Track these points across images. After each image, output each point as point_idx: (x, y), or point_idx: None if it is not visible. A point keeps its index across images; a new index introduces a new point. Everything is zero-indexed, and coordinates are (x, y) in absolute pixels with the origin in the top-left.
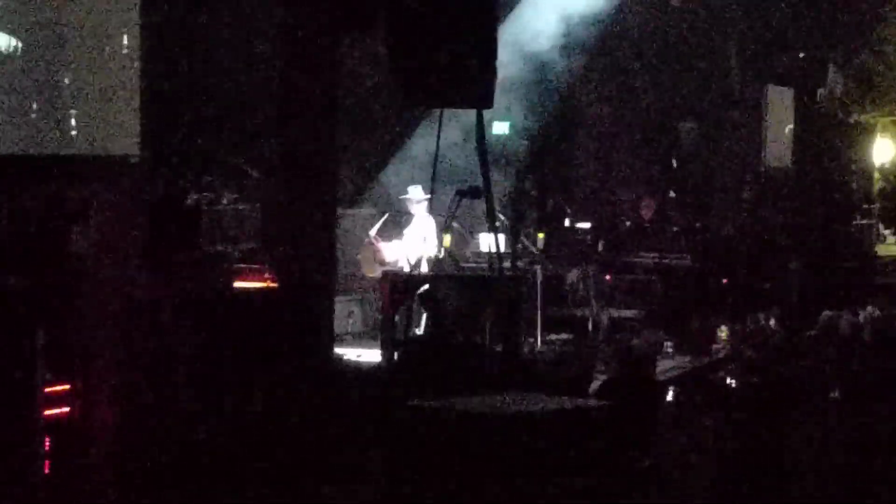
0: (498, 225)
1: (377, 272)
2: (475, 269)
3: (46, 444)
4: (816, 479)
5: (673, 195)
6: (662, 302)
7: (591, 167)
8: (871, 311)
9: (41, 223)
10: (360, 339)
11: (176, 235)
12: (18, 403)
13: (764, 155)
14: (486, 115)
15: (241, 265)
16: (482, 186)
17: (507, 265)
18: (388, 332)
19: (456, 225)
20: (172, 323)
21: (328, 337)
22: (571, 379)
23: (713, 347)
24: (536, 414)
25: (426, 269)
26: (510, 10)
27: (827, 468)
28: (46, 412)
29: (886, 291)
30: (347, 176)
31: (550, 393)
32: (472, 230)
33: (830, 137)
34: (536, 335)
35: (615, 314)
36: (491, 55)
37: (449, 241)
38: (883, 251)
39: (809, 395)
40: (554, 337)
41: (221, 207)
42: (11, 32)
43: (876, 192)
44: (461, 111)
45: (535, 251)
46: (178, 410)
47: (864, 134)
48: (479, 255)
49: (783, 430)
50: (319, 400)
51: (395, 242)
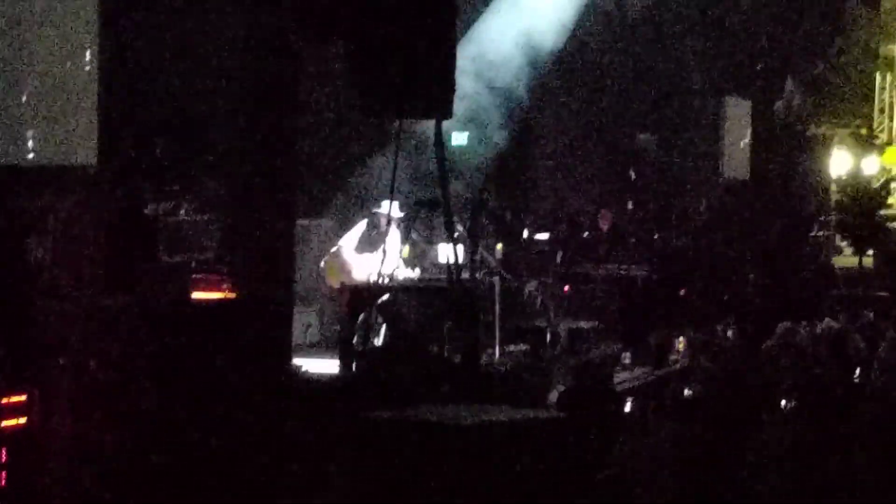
0: (456, 236)
1: (338, 284)
2: (433, 279)
3: (3, 455)
4: (774, 489)
5: (631, 206)
6: (620, 313)
7: (549, 178)
8: (828, 322)
9: None
10: (317, 349)
11: (134, 246)
12: None
13: (722, 166)
14: (444, 125)
15: (198, 275)
16: (440, 197)
17: (465, 276)
18: (346, 342)
19: (414, 235)
20: (130, 333)
21: (286, 348)
22: (529, 390)
23: (671, 358)
24: (495, 425)
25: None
26: (470, 23)
27: (784, 479)
28: (3, 423)
29: (843, 303)
30: (307, 186)
31: (509, 404)
32: (430, 240)
33: (788, 149)
34: (495, 346)
35: (573, 325)
36: (450, 66)
37: (407, 251)
38: (840, 263)
39: (767, 406)
40: (512, 348)
41: (180, 217)
42: None
43: (833, 203)
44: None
45: (493, 262)
46: (135, 421)
47: (821, 146)
48: (437, 265)
49: (741, 440)
50: (277, 411)
51: (366, 257)
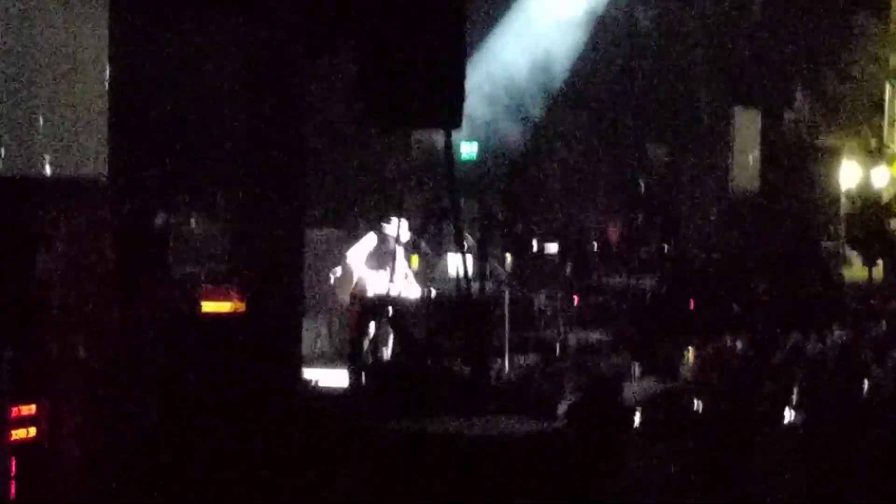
0: (466, 247)
1: (348, 297)
2: (443, 291)
3: (13, 466)
4: (783, 501)
5: (641, 218)
6: (630, 325)
7: (559, 190)
8: (837, 334)
9: (6, 244)
10: (327, 360)
11: (144, 257)
12: None
13: (731, 178)
14: (454, 137)
15: (208, 286)
16: (450, 208)
17: (475, 287)
18: (356, 354)
19: (423, 246)
20: (140, 345)
21: (296, 359)
22: (538, 402)
23: (680, 371)
24: (504, 437)
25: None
26: (483, 37)
27: (792, 492)
28: (13, 434)
29: (853, 314)
30: (318, 197)
31: (517, 416)
32: (439, 252)
33: (797, 161)
34: (504, 358)
35: (582, 337)
36: (459, 77)
37: (416, 262)
38: (849, 275)
39: (776, 418)
40: (522, 360)
41: (189, 229)
42: None
43: (842, 215)
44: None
45: (503, 273)
46: (144, 433)
47: (830, 157)
48: (446, 277)
49: (750, 452)
50: (288, 423)
51: (374, 272)
